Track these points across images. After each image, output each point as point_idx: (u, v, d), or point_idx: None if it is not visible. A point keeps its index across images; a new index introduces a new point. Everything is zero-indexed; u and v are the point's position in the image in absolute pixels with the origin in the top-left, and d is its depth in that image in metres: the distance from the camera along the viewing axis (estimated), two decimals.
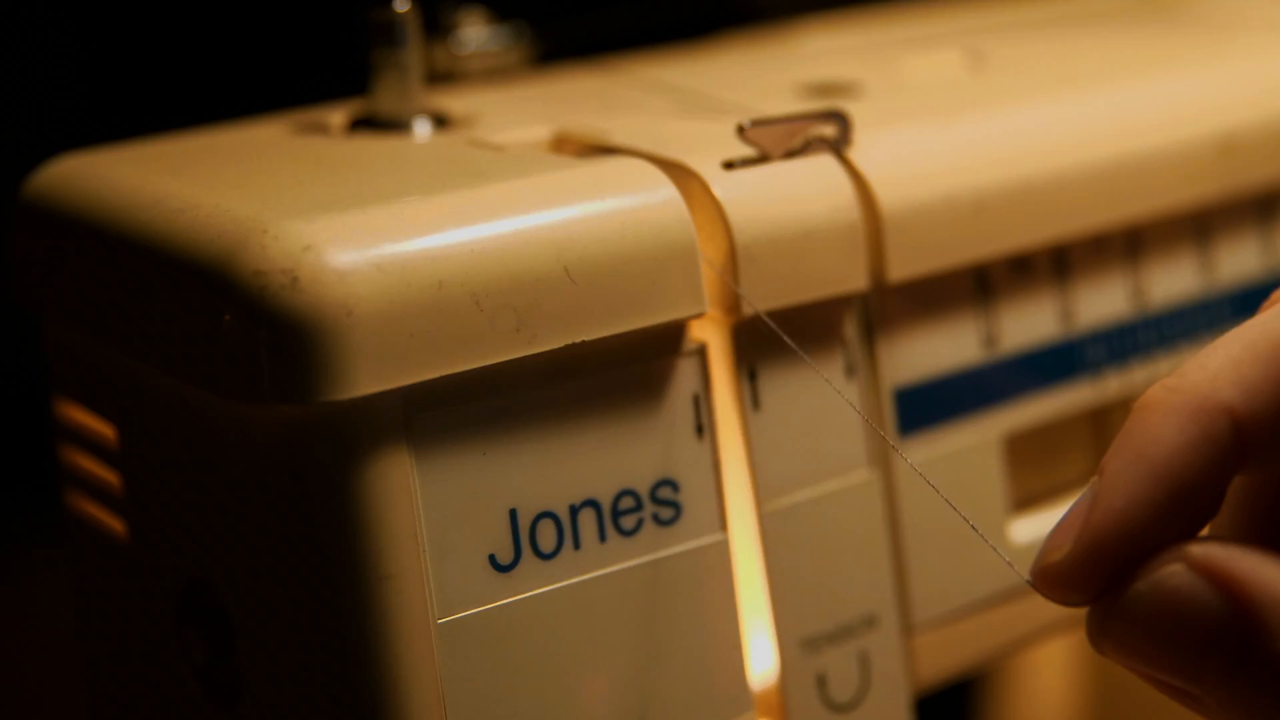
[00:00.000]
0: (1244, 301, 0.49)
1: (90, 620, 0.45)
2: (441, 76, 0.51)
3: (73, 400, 0.43)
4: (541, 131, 0.43)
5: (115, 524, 0.42)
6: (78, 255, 0.41)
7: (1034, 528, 0.45)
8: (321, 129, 0.46)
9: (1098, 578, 0.31)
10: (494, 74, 0.52)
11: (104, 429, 0.42)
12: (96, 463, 0.42)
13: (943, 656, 0.43)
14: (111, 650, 0.44)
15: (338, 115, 0.46)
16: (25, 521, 0.71)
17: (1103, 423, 0.47)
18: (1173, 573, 0.31)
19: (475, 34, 0.52)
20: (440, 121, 0.45)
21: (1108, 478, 0.31)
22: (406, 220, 0.36)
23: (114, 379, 0.41)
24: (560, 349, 0.37)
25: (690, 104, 0.46)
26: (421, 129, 0.45)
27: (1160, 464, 0.31)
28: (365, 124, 0.45)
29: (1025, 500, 0.46)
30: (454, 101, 0.48)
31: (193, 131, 0.46)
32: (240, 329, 0.35)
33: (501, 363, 0.36)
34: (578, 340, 0.37)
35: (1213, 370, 0.32)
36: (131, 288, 0.38)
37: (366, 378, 0.35)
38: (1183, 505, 0.31)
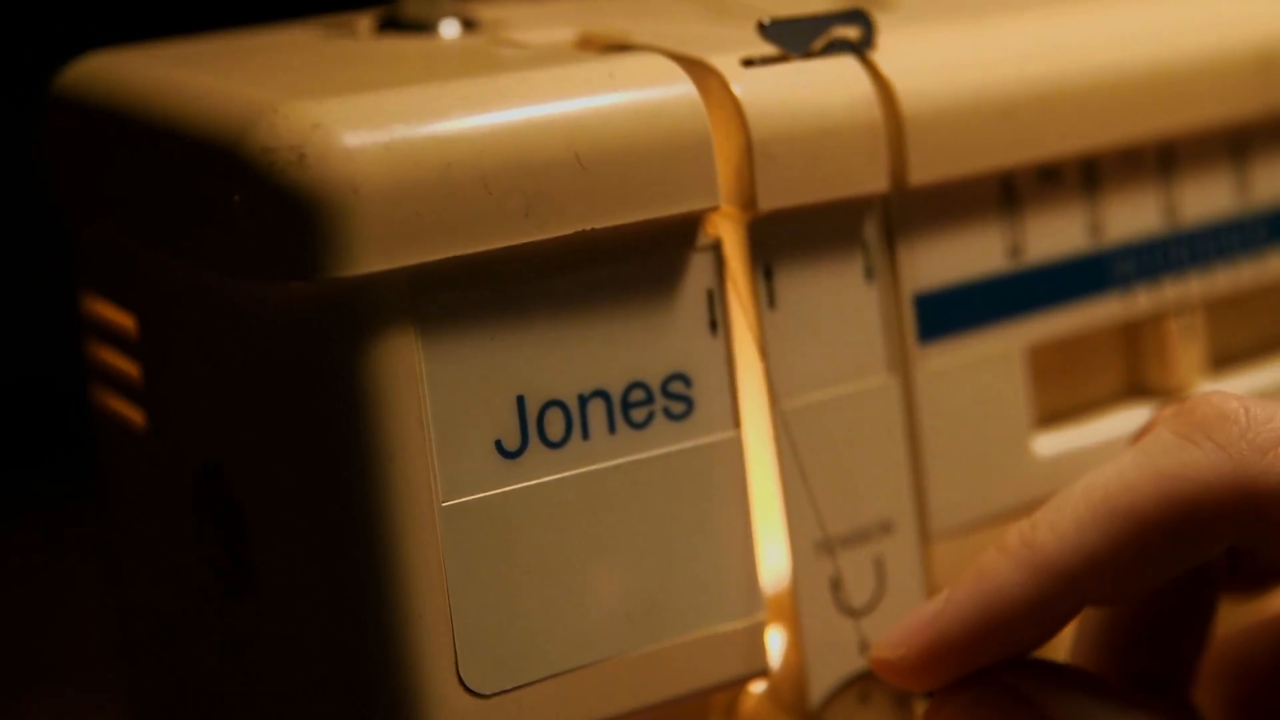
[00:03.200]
0: None
1: (114, 519, 0.45)
2: None
3: (96, 293, 0.44)
4: (567, 33, 0.43)
5: (135, 415, 0.42)
6: (98, 144, 0.41)
7: (1058, 443, 0.44)
8: (349, 31, 0.46)
9: (929, 683, 0.37)
10: None
11: (125, 320, 0.42)
12: (118, 354, 0.43)
13: (960, 566, 0.43)
14: (135, 545, 0.45)
15: (365, 19, 0.46)
16: (59, 491, 0.72)
17: (1132, 338, 0.46)
18: (992, 690, 0.36)
19: None
20: (468, 25, 0.45)
21: (951, 607, 0.36)
22: (418, 104, 0.36)
23: (134, 269, 0.41)
24: (571, 236, 0.37)
25: (720, 10, 0.46)
26: (448, 30, 0.45)
27: (998, 613, 0.36)
28: (392, 25, 0.45)
29: (1051, 415, 0.45)
30: (486, 9, 0.48)
31: (220, 34, 0.47)
32: (249, 205, 0.35)
33: (510, 248, 0.36)
34: (587, 228, 0.37)
35: (1060, 533, 0.36)
36: (147, 172, 0.39)
37: (372, 255, 0.35)
38: (1013, 643, 0.36)
